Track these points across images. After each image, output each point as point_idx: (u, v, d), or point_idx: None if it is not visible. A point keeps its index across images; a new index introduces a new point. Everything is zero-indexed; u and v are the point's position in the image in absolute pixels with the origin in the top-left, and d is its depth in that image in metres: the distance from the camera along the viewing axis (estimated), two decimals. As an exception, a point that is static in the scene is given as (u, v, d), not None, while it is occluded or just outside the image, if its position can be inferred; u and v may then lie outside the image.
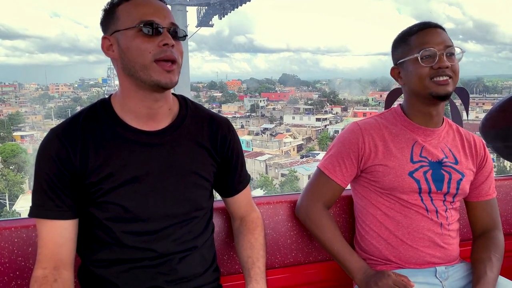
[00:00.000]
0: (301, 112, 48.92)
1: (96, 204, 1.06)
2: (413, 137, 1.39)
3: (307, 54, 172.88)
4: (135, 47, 1.00)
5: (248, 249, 1.24)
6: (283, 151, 36.05)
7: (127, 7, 1.02)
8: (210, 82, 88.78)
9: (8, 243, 1.28)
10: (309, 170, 28.58)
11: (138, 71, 1.01)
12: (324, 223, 1.39)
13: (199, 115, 1.17)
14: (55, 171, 1.03)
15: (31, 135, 43.02)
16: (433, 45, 1.29)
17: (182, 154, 1.11)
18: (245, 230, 1.28)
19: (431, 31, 1.32)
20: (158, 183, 1.08)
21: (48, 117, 53.58)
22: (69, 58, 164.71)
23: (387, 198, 1.38)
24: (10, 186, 25.62)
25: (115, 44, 1.03)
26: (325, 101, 58.02)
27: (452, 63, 1.29)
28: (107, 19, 1.05)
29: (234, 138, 1.22)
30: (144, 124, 1.08)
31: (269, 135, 39.76)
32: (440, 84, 1.29)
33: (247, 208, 1.30)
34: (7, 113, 53.17)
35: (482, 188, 1.46)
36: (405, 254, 1.37)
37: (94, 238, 1.09)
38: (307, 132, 42.33)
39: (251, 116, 51.55)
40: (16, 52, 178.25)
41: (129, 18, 1.01)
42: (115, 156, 1.05)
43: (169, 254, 1.10)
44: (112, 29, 1.03)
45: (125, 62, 1.02)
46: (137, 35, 1.00)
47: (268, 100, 62.06)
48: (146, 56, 1.00)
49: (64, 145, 1.03)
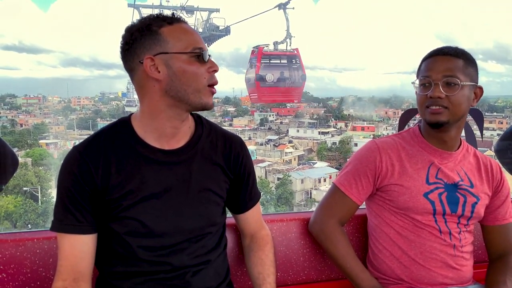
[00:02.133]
0: (305, 126, 52.57)
1: (116, 219, 1.09)
2: (430, 158, 1.38)
3: (325, 72, 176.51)
4: (192, 71, 1.06)
5: (259, 265, 1.27)
6: (284, 160, 39.52)
7: (174, 32, 1.06)
8: (224, 97, 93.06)
9: (30, 253, 1.31)
10: (302, 175, 31.37)
11: (189, 94, 1.06)
12: (338, 239, 1.39)
13: (213, 133, 1.21)
14: (77, 187, 1.07)
15: (55, 143, 47.18)
16: (432, 74, 1.29)
17: (197, 171, 1.15)
18: (255, 247, 1.30)
19: (436, 58, 1.32)
20: (174, 199, 1.12)
21: (70, 128, 57.95)
22: (90, 73, 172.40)
23: (401, 217, 1.37)
24: (42, 181, 29.60)
25: (162, 65, 1.05)
26: (330, 116, 61.65)
27: (450, 93, 1.27)
28: (148, 39, 1.05)
29: (247, 156, 1.25)
30: (165, 143, 1.12)
31: (272, 146, 43.58)
32: (432, 113, 1.30)
33: (257, 225, 1.33)
34: (32, 123, 58.22)
35: (498, 212, 1.44)
36: (417, 274, 1.36)
37: (112, 252, 1.13)
38: (308, 144, 45.10)
39: (258, 129, 54.85)
40: (40, 66, 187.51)
41: (180, 42, 1.05)
42: (135, 174, 1.09)
43: (184, 267, 1.13)
44: (158, 50, 1.05)
45: (175, 84, 1.06)
46: (191, 60, 1.06)
47: (277, 115, 65.86)
48: (202, 81, 1.07)
49: (86, 162, 1.07)
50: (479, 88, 1.35)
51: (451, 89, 1.27)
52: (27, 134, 47.88)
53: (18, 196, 26.73)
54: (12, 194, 26.89)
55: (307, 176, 31.64)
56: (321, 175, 32.12)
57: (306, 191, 31.13)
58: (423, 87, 1.32)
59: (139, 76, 1.08)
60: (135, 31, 1.06)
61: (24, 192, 27.36)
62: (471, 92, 1.32)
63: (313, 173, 32.56)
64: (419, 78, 1.33)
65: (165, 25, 1.06)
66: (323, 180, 31.66)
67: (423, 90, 1.31)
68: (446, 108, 1.28)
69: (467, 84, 1.29)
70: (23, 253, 1.31)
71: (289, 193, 30.18)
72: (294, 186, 30.67)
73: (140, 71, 1.07)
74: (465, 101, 1.30)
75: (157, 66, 1.05)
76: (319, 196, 29.75)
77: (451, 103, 1.28)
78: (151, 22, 1.06)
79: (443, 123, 1.30)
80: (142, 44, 1.05)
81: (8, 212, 25.40)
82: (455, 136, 1.38)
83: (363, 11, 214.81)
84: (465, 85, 1.29)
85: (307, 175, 31.86)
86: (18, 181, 27.68)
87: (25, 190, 27.43)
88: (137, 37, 1.06)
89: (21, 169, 29.54)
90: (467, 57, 1.32)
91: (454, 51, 1.31)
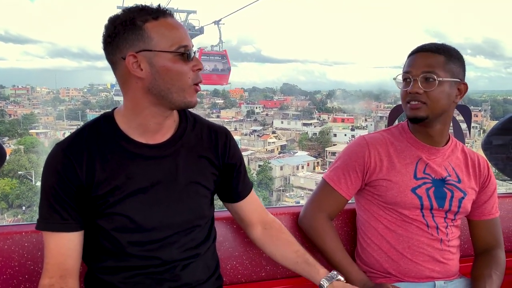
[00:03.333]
0: (289, 118, 54.76)
1: (103, 215, 1.08)
2: (418, 154, 1.39)
3: (315, 65, 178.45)
4: (176, 70, 1.03)
5: (292, 244, 1.27)
6: (267, 150, 41.76)
7: (159, 28, 1.02)
8: (213, 90, 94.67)
9: (18, 247, 1.30)
10: (281, 162, 33.49)
11: (173, 93, 1.04)
12: (326, 234, 1.40)
13: (198, 126, 1.19)
14: (61, 184, 1.05)
15: (45, 132, 48.44)
16: (412, 70, 1.30)
17: (183, 165, 1.13)
18: (275, 232, 1.29)
19: (417, 55, 1.33)
20: (161, 193, 1.11)
21: (59, 118, 59.51)
22: (78, 64, 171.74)
23: (389, 212, 1.39)
24: (35, 166, 31.14)
25: (145, 63, 1.02)
26: (314, 108, 64.07)
27: (428, 89, 1.28)
28: (132, 34, 1.01)
29: (233, 145, 1.23)
30: (149, 138, 1.11)
31: (256, 136, 45.68)
32: (411, 108, 1.31)
33: (263, 211, 1.31)
34: (21, 113, 59.45)
35: (485, 207, 1.46)
36: (405, 268, 1.38)
37: (100, 248, 1.12)
38: (291, 135, 47.11)
39: (244, 121, 56.75)
40: (27, 56, 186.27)
41: (164, 40, 1.02)
42: (120, 169, 1.08)
43: (173, 261, 1.13)
44: (141, 47, 1.01)
45: (158, 83, 1.03)
46: (175, 59, 1.02)
47: (264, 107, 67.93)
48: (186, 80, 1.04)
49: (69, 159, 1.05)
50: (463, 84, 1.34)
51: (429, 85, 1.28)
52: (17, 124, 49.21)
53: (13, 179, 28.64)
54: (7, 178, 28.83)
55: (286, 163, 33.68)
56: (299, 163, 34.15)
57: (285, 177, 33.35)
58: (404, 82, 1.34)
59: (121, 71, 1.05)
60: (119, 24, 1.02)
61: (18, 176, 29.04)
62: (452, 88, 1.32)
63: (291, 160, 34.54)
64: (401, 74, 1.35)
65: (150, 20, 1.02)
66: (301, 167, 33.72)
67: (404, 86, 1.33)
68: (424, 104, 1.29)
69: (447, 80, 1.29)
70: (10, 246, 1.30)
71: (269, 179, 32.25)
72: (274, 173, 32.84)
73: (122, 66, 1.04)
74: (444, 97, 1.30)
75: (140, 64, 1.02)
76: (296, 181, 31.94)
77: (429, 99, 1.29)
78: (136, 16, 1.02)
79: (422, 118, 1.31)
80: (125, 39, 1.02)
81: (4, 193, 27.03)
82: (440, 131, 1.38)
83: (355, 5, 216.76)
84: (444, 81, 1.28)
85: (286, 162, 33.93)
86: (12, 166, 29.33)
87: (19, 174, 29.17)
88: (120, 31, 1.02)
89: (15, 155, 31.35)
90: (450, 53, 1.32)
91: (435, 48, 1.32)
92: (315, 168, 35.35)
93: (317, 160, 36.97)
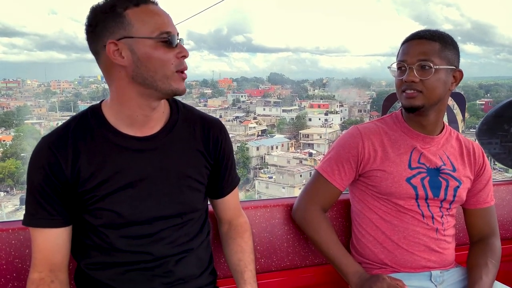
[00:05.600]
0: (271, 105, 59.04)
1: (90, 211, 1.06)
2: (412, 143, 1.38)
3: (306, 54, 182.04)
4: (158, 57, 1.00)
5: (239, 252, 1.25)
6: (248, 134, 45.97)
7: (140, 14, 0.99)
8: (202, 80, 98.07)
9: (5, 245, 1.27)
10: (258, 144, 36.60)
11: (157, 81, 1.01)
12: (320, 226, 1.40)
13: (190, 117, 1.16)
14: (46, 180, 1.03)
15: (40, 123, 52.94)
16: (407, 58, 1.28)
17: (175, 157, 1.11)
18: (234, 234, 1.28)
19: (412, 43, 1.31)
20: (152, 187, 1.08)
21: (52, 110, 63.19)
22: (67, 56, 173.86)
23: (384, 202, 1.39)
24: None
25: (126, 50, 0.99)
26: (296, 96, 68.37)
27: (424, 77, 1.26)
28: (112, 22, 0.98)
29: (226, 140, 1.21)
30: (137, 130, 1.08)
31: (238, 122, 49.97)
32: (407, 97, 1.30)
33: (235, 212, 1.30)
34: (14, 106, 62.99)
35: (480, 196, 1.46)
36: (401, 258, 1.38)
37: (89, 243, 1.09)
38: (271, 120, 51.44)
39: (229, 108, 60.73)
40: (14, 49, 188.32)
41: (145, 26, 0.99)
42: (108, 163, 1.05)
43: (165, 256, 1.11)
44: (122, 34, 0.98)
45: (140, 71, 1.00)
46: (157, 45, 0.99)
47: (250, 96, 71.97)
48: (169, 67, 1.01)
49: (54, 155, 1.03)
50: (458, 72, 1.33)
51: (425, 73, 1.27)
52: (11, 115, 53.16)
53: (17, 160, 32.71)
54: (12, 158, 32.93)
55: (261, 144, 37.83)
56: (274, 143, 38.01)
57: (261, 157, 37.54)
58: (399, 71, 1.32)
59: (104, 61, 1.02)
60: (99, 13, 1.00)
61: (21, 157, 33.28)
62: (448, 76, 1.30)
63: (267, 142, 38.23)
64: (396, 63, 1.33)
65: (131, 7, 0.99)
66: (275, 148, 37.90)
67: (399, 75, 1.31)
68: (420, 92, 1.28)
69: (443, 68, 1.28)
70: None
71: (246, 158, 36.38)
72: (251, 153, 37.09)
73: (104, 55, 1.01)
74: (440, 85, 1.29)
75: (121, 51, 0.99)
76: (270, 160, 36.12)
77: (425, 87, 1.28)
78: (116, 3, 0.99)
79: (418, 107, 1.30)
80: (105, 27, 0.99)
81: (11, 172, 31.06)
82: (435, 120, 1.37)
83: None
84: (440, 68, 1.27)
85: (262, 143, 37.89)
86: (15, 149, 33.52)
87: (22, 155, 33.35)
88: (101, 19, 0.99)
89: (16, 140, 35.48)
90: (445, 40, 1.30)
91: (430, 35, 1.30)
92: (289, 148, 39.45)
93: (291, 141, 41.01)
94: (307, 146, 38.73)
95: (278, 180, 30.78)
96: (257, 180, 33.28)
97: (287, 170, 31.16)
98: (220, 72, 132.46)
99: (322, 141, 37.99)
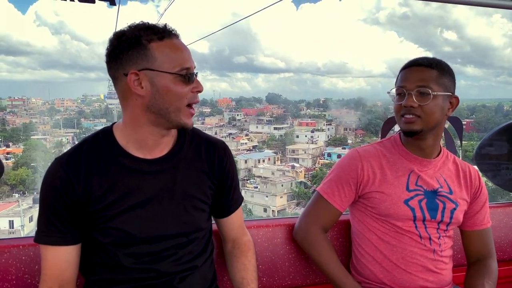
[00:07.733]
0: (263, 123, 63.23)
1: (99, 229, 1.11)
2: (410, 166, 1.43)
3: (307, 75, 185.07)
4: (176, 91, 1.06)
5: (242, 271, 1.31)
6: (240, 149, 50.09)
7: (164, 48, 1.05)
8: (202, 99, 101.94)
9: (16, 260, 1.32)
10: (246, 157, 40.02)
11: (171, 113, 1.07)
12: (321, 246, 1.44)
13: (196, 139, 1.22)
14: (58, 199, 1.08)
15: (45, 138, 57.43)
16: (406, 84, 1.35)
17: (181, 179, 1.16)
18: (238, 253, 1.34)
19: (411, 69, 1.37)
20: (159, 207, 1.14)
21: (55, 127, 67.33)
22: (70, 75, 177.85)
23: (383, 223, 1.42)
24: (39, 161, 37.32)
25: (146, 82, 1.04)
26: (288, 115, 72.76)
27: (423, 103, 1.32)
28: (136, 52, 1.04)
29: (230, 161, 1.26)
30: (147, 153, 1.13)
31: (231, 138, 54.05)
32: (406, 122, 1.36)
33: (239, 231, 1.35)
34: (20, 123, 67.39)
35: (477, 218, 1.50)
36: (399, 278, 1.41)
37: (97, 260, 1.15)
38: (262, 137, 55.19)
39: (225, 126, 64.64)
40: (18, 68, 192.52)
41: (168, 61, 1.05)
42: (118, 184, 1.10)
43: (171, 274, 1.16)
44: (144, 65, 1.04)
45: (157, 102, 1.06)
46: (176, 80, 1.06)
47: (245, 115, 76.21)
48: (183, 101, 1.07)
49: (67, 175, 1.08)
50: (455, 98, 1.39)
51: (424, 99, 1.32)
52: (18, 131, 57.53)
53: (28, 169, 36.80)
54: (24, 167, 37.05)
55: (249, 157, 41.16)
56: (261, 157, 41.26)
57: (248, 169, 41.46)
58: (398, 96, 1.37)
59: (122, 87, 1.07)
60: (124, 41, 1.04)
61: (32, 167, 37.39)
62: (445, 102, 1.37)
63: (255, 155, 41.40)
64: (395, 88, 1.39)
65: (155, 40, 1.05)
66: (262, 161, 41.31)
67: (399, 100, 1.37)
68: (419, 117, 1.34)
69: (440, 94, 1.34)
70: (8, 260, 1.32)
71: (235, 170, 40.64)
72: (239, 165, 40.94)
73: (123, 82, 1.06)
74: (438, 110, 1.35)
75: (141, 82, 1.05)
76: (257, 172, 40.08)
77: (423, 112, 1.34)
78: (141, 34, 1.04)
79: (417, 131, 1.36)
80: (129, 57, 1.04)
81: (22, 179, 34.95)
82: (432, 143, 1.43)
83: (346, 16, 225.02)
84: (438, 95, 1.33)
85: (250, 157, 40.99)
86: (26, 160, 37.69)
87: (32, 165, 37.50)
88: (125, 47, 1.04)
89: (26, 152, 39.81)
90: (442, 67, 1.37)
91: (428, 62, 1.37)
92: (275, 162, 43.25)
93: (277, 155, 44.80)
94: (293, 160, 42.52)
95: (262, 189, 34.44)
96: (244, 190, 37.24)
97: (270, 180, 34.99)
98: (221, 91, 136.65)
99: (306, 155, 41.90)
